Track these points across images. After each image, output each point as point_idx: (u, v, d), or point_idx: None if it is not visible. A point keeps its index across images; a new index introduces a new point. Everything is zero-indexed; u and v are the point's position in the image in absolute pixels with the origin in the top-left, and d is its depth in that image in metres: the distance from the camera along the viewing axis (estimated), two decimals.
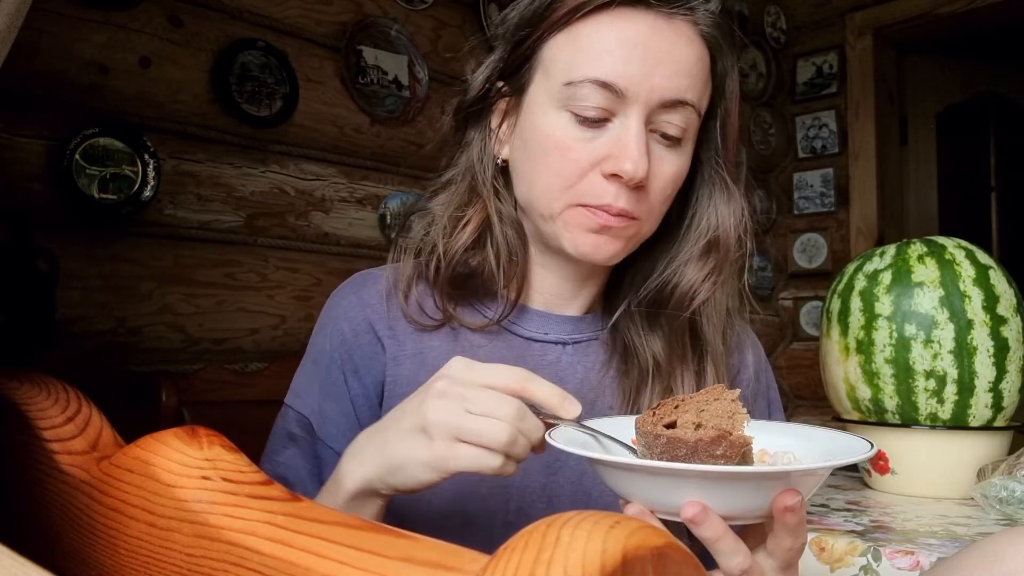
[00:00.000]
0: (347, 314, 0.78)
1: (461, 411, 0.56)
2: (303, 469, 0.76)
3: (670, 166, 0.72)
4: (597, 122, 0.70)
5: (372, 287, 0.79)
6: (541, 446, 0.57)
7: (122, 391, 1.41)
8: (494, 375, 0.57)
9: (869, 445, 0.56)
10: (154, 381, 1.38)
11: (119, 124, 1.43)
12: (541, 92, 0.73)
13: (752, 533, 0.56)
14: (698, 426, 0.53)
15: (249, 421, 0.92)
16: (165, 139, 1.51)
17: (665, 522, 0.54)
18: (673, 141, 0.72)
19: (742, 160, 0.80)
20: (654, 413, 0.56)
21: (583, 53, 0.70)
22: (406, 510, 0.71)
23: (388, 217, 1.87)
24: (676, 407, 0.56)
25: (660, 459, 0.52)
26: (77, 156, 1.38)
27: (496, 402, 0.55)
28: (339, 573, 0.34)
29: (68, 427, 0.57)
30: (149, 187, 1.46)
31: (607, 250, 0.72)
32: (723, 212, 0.77)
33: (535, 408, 0.58)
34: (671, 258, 0.78)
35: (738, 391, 0.57)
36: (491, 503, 0.73)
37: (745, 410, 0.54)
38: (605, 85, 0.68)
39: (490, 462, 0.56)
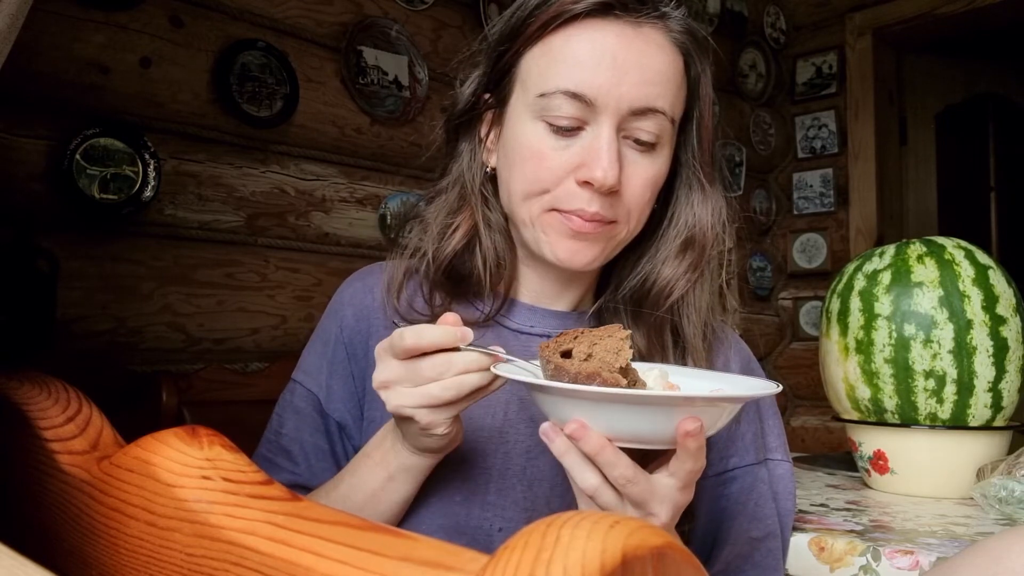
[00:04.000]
0: (352, 300, 0.84)
1: (407, 392, 0.62)
2: (307, 442, 0.81)
3: (645, 171, 0.74)
4: (570, 131, 0.72)
5: (377, 277, 0.84)
6: (487, 368, 0.62)
7: (122, 391, 1.41)
8: (402, 345, 0.61)
9: (775, 385, 0.61)
10: (154, 381, 1.38)
11: (119, 124, 1.43)
12: (519, 103, 0.76)
13: (652, 455, 0.61)
14: (588, 357, 0.59)
15: (249, 421, 0.93)
16: (165, 139, 1.51)
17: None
18: (647, 147, 0.74)
19: (719, 159, 0.83)
20: (556, 341, 0.62)
21: (554, 65, 0.72)
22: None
23: (388, 217, 1.87)
24: (575, 338, 0.62)
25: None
26: (78, 156, 1.38)
27: (430, 368, 0.61)
28: (339, 573, 0.34)
29: (68, 427, 0.57)
30: (150, 187, 1.46)
31: (585, 256, 0.75)
32: (699, 211, 0.80)
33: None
34: (650, 256, 0.81)
35: (628, 332, 0.61)
36: (472, 483, 0.76)
37: (631, 349, 0.59)
38: (575, 95, 0.71)
39: (461, 406, 0.63)
